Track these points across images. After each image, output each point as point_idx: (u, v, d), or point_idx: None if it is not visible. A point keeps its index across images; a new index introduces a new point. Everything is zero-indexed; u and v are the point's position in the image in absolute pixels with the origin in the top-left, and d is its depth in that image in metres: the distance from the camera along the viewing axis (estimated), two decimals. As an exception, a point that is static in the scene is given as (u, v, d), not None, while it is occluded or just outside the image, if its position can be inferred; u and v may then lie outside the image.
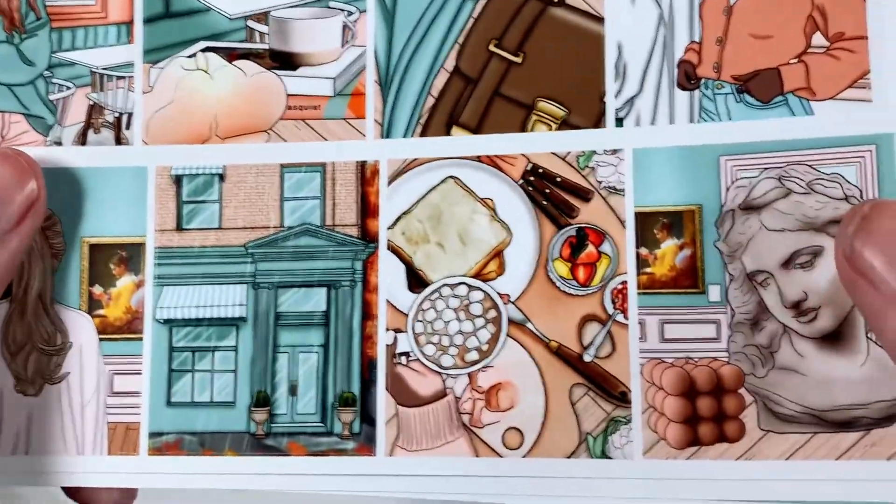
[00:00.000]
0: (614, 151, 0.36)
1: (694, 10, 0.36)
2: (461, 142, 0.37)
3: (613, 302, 0.35)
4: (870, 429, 0.34)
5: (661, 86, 0.36)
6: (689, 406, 0.35)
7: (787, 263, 0.35)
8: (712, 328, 0.35)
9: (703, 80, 0.36)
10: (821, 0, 0.35)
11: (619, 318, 0.35)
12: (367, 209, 0.37)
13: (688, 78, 0.36)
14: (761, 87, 0.36)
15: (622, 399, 0.35)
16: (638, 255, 0.35)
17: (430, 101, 0.38)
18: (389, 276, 0.37)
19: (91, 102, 0.39)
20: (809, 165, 0.35)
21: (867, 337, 0.34)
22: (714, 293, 0.35)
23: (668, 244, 0.35)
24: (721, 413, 0.35)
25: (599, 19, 0.37)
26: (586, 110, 0.37)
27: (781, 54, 0.35)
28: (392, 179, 0.37)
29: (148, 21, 0.39)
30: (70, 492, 0.37)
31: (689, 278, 0.35)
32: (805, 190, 0.35)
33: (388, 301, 0.37)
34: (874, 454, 0.33)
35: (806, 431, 0.34)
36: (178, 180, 0.38)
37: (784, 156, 0.35)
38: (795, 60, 0.35)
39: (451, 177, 0.37)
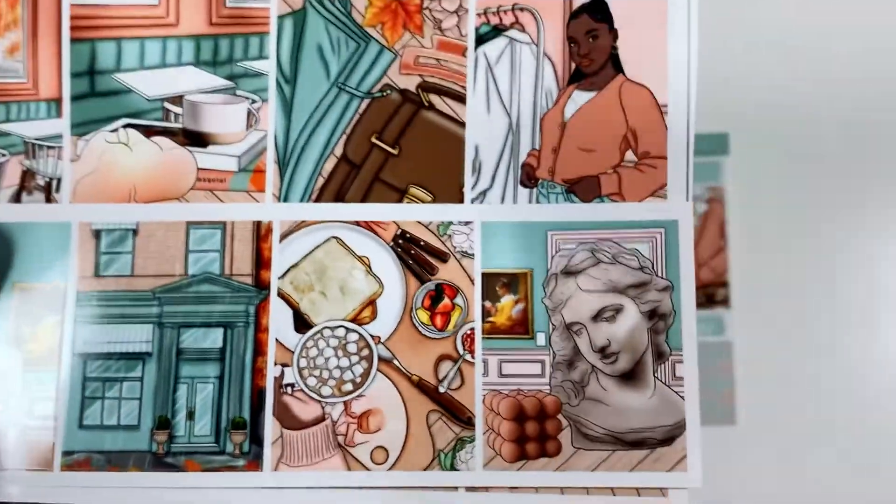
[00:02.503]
0: (467, 223, 0.55)
1: (536, 123, 0.57)
2: (343, 208, 0.56)
3: (463, 344, 0.54)
4: (654, 447, 0.53)
5: (507, 182, 0.57)
6: (519, 428, 0.54)
7: (596, 317, 0.55)
8: (538, 366, 0.55)
9: (540, 181, 0.56)
10: (633, 125, 0.57)
11: (468, 357, 0.54)
12: (261, 261, 0.55)
13: (528, 178, 0.57)
14: (584, 190, 0.57)
15: (468, 423, 0.54)
16: (483, 307, 0.55)
17: (321, 181, 0.57)
18: (279, 318, 0.55)
19: (24, 168, 0.56)
20: (615, 241, 0.56)
21: (654, 376, 0.54)
22: (541, 339, 0.55)
23: (507, 299, 0.55)
24: (543, 433, 0.54)
25: (462, 123, 0.57)
26: (448, 197, 0.56)
27: (601, 165, 0.57)
28: (283, 237, 0.55)
29: (75, 98, 0.57)
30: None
31: (522, 327, 0.55)
32: (611, 261, 0.55)
33: (277, 340, 0.54)
34: (657, 467, 0.53)
35: (607, 449, 0.54)
36: (97, 234, 0.55)
37: (596, 233, 0.55)
38: (611, 171, 0.57)
39: (335, 237, 0.56)
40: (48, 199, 0.56)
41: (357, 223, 0.56)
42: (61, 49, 0.57)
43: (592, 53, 0.57)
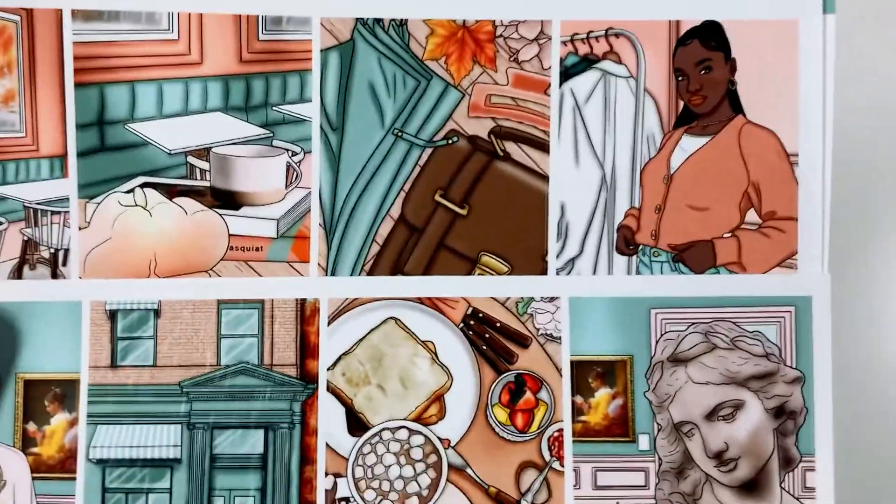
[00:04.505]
0: (552, 299, 0.54)
1: (635, 176, 0.56)
2: (402, 283, 0.55)
3: (550, 449, 0.54)
4: (782, 573, 0.53)
5: (600, 249, 0.56)
6: (619, 552, 0.53)
7: (711, 415, 0.54)
8: (641, 476, 0.54)
9: (640, 247, 0.55)
10: (756, 178, 0.55)
11: (556, 465, 0.53)
12: (307, 349, 0.55)
13: (626, 243, 0.55)
14: (696, 259, 0.55)
15: (557, 546, 0.53)
16: (573, 403, 0.54)
17: (376, 248, 0.56)
18: (329, 418, 0.54)
19: (25, 238, 0.56)
20: (733, 322, 0.54)
21: (780, 487, 0.53)
22: (644, 442, 0.54)
23: (602, 393, 0.54)
24: (649, 558, 0.53)
25: (544, 177, 0.56)
26: (528, 268, 0.55)
27: (716, 227, 0.55)
28: (332, 319, 0.55)
29: (82, 154, 0.56)
30: None
31: (621, 427, 0.54)
32: (729, 346, 0.54)
33: (327, 444, 0.54)
34: None
35: (727, 576, 0.53)
36: (112, 315, 0.55)
37: (710, 312, 0.54)
38: (729, 234, 0.55)
39: (393, 318, 0.55)
40: (54, 275, 0.56)
41: (420, 300, 0.55)
42: (64, 96, 0.56)
43: (705, 89, 0.56)
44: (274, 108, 0.57)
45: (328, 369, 0.55)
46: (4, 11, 0.56)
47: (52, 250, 0.57)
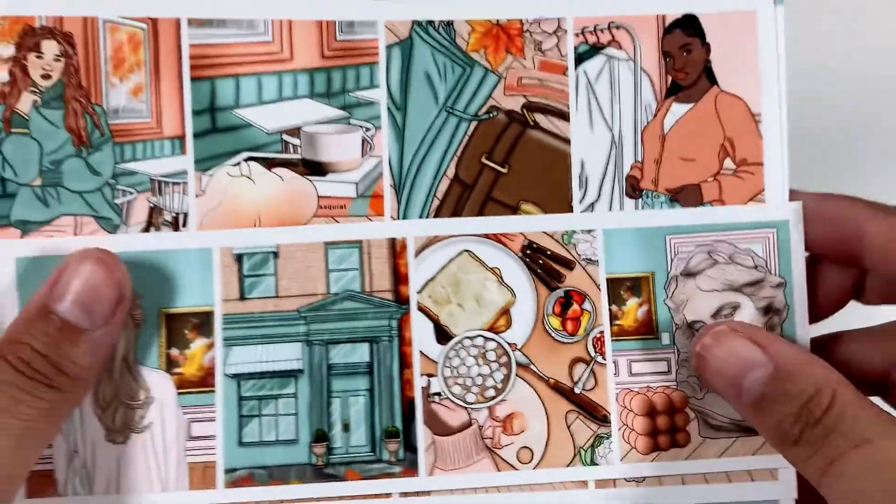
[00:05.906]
0: (589, 231, 0.74)
1: (637, 136, 0.76)
2: (473, 222, 0.74)
3: (594, 347, 0.73)
4: (776, 432, 0.72)
5: (613, 194, 0.75)
6: (651, 423, 0.72)
7: (716, 315, 0.74)
8: (665, 364, 0.73)
9: (644, 191, 0.75)
10: (730, 133, 0.76)
11: (599, 359, 0.73)
12: (399, 277, 0.73)
13: (633, 189, 0.75)
14: (687, 198, 0.75)
15: (604, 420, 0.72)
16: (610, 310, 0.73)
17: (436, 203, 0.74)
18: (421, 331, 0.72)
19: (151, 205, 0.73)
20: (729, 243, 0.74)
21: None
22: (665, 338, 0.74)
23: (632, 302, 0.74)
24: (673, 426, 0.72)
25: (567, 140, 0.75)
26: (558, 212, 0.74)
27: (702, 174, 0.76)
28: (418, 252, 0.73)
29: (198, 135, 0.73)
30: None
31: (648, 328, 0.74)
32: (727, 261, 0.74)
33: (420, 352, 0.72)
34: (774, 451, 0.71)
35: (731, 436, 0.73)
36: (239, 258, 0.72)
37: (712, 236, 0.74)
38: (712, 179, 0.76)
39: (466, 250, 0.74)
40: (177, 234, 0.72)
41: (486, 236, 0.74)
42: (182, 88, 0.72)
43: (687, 67, 0.75)
44: (350, 93, 0.74)
45: (417, 293, 0.73)
46: (134, 20, 0.73)
47: (174, 215, 0.73)
